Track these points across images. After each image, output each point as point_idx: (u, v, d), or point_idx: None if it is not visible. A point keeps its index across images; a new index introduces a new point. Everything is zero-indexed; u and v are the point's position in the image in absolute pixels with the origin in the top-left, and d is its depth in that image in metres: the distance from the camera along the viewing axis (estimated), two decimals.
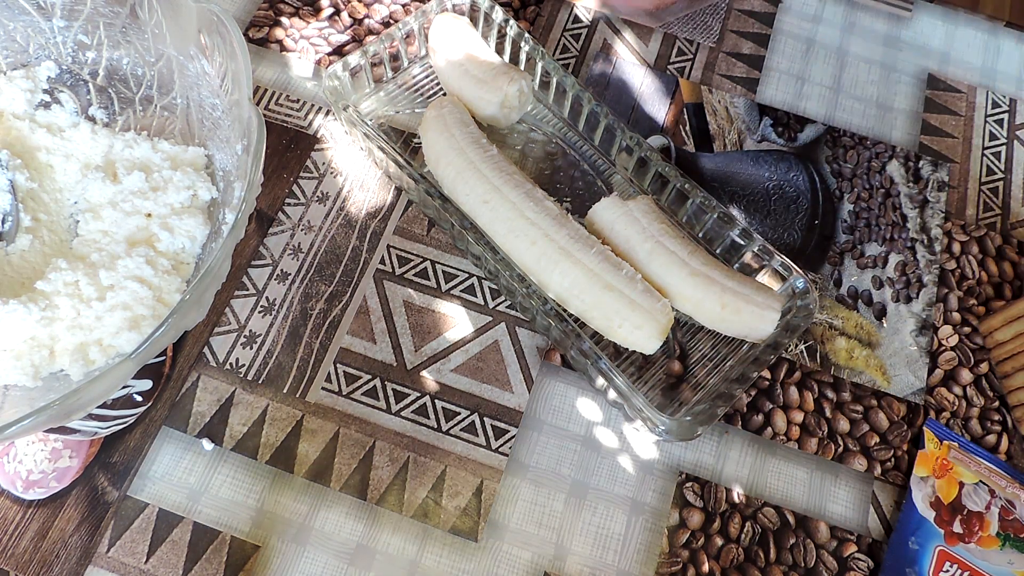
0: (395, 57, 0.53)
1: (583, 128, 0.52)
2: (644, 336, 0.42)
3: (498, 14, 0.52)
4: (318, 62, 0.55)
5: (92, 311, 0.39)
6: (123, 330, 0.39)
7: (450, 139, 0.47)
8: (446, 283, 0.49)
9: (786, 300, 0.45)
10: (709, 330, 0.47)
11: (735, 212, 0.53)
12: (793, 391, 0.48)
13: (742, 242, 0.47)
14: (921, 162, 0.56)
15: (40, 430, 0.34)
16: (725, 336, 0.47)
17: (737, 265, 0.48)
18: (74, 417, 0.35)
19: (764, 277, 0.47)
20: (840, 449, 0.47)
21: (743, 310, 0.43)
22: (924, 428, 0.47)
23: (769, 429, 0.47)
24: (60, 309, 0.39)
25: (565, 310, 0.45)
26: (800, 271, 0.45)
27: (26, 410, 0.31)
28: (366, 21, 0.57)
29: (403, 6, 0.58)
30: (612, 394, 0.43)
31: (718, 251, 0.49)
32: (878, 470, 0.46)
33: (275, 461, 0.44)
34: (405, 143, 0.52)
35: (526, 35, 0.51)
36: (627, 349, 0.46)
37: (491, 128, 0.53)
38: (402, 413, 0.45)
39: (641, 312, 0.42)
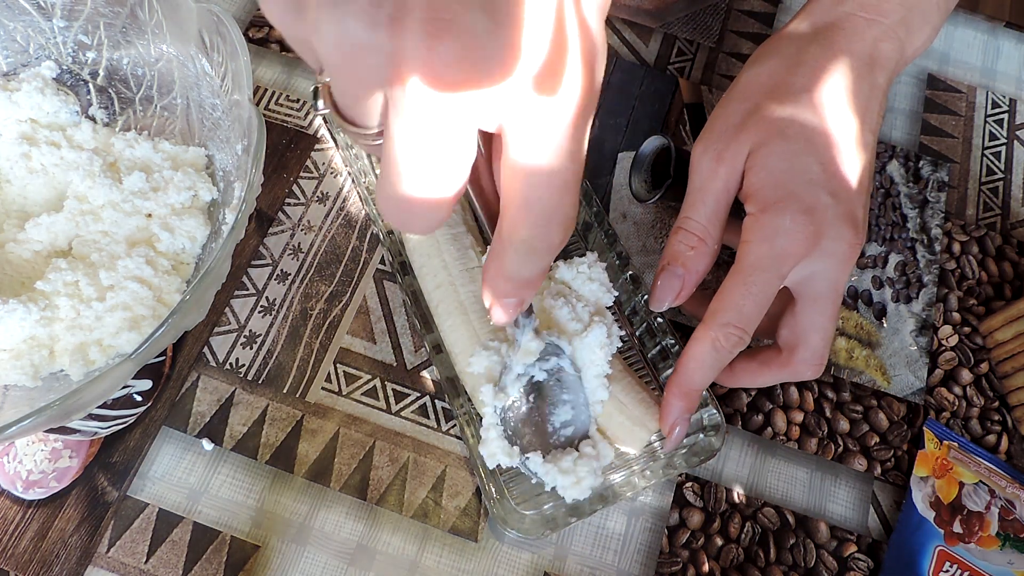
0: None
1: None
2: None
3: None
4: None
5: (92, 311, 0.39)
6: (123, 330, 0.39)
7: None
8: None
9: (656, 429, 0.40)
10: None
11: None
12: (793, 391, 0.48)
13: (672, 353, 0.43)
14: (921, 162, 0.56)
15: (40, 430, 0.34)
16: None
17: (668, 373, 0.44)
18: (74, 417, 0.35)
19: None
20: (840, 449, 0.47)
21: (614, 417, 0.39)
22: (924, 428, 0.47)
23: (769, 429, 0.47)
24: (60, 309, 0.39)
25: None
26: (717, 407, 0.42)
27: (26, 410, 0.31)
28: None
29: None
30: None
31: (652, 352, 0.45)
32: (878, 470, 0.46)
33: (275, 461, 0.44)
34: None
35: None
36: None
37: None
38: (402, 413, 0.45)
39: None
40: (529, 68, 0.24)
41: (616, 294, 0.41)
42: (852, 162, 0.37)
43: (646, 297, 0.44)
